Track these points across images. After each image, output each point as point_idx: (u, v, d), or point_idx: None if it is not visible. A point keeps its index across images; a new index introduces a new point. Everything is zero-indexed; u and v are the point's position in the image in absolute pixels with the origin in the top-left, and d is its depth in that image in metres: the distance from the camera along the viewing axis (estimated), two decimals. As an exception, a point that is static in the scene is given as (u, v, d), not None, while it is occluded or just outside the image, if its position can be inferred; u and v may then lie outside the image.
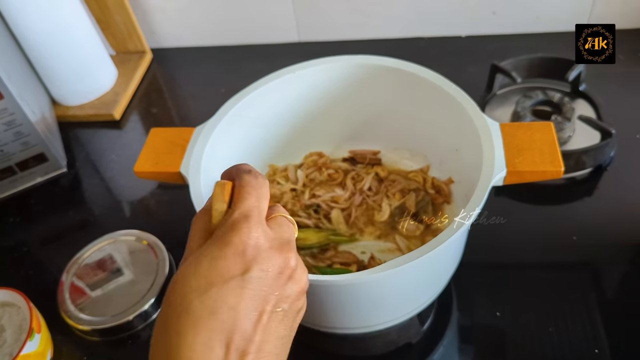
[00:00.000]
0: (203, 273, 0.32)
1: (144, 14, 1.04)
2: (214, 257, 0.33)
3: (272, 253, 0.34)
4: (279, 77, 0.63)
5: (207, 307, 0.31)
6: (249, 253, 0.33)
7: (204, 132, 0.58)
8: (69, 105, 0.97)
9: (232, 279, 0.32)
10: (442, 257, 0.52)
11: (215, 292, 0.32)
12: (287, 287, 0.35)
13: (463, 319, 0.63)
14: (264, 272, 0.33)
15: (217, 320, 0.31)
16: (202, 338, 0.31)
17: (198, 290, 0.32)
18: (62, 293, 0.68)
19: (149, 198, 0.83)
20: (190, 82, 1.04)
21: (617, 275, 0.65)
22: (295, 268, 0.36)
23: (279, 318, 0.34)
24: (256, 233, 0.34)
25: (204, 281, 0.32)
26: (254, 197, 0.35)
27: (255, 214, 0.34)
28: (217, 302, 0.32)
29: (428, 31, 1.01)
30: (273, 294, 0.34)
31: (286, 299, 0.35)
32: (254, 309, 0.33)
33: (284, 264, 0.35)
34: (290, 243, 0.36)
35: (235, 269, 0.32)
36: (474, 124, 0.54)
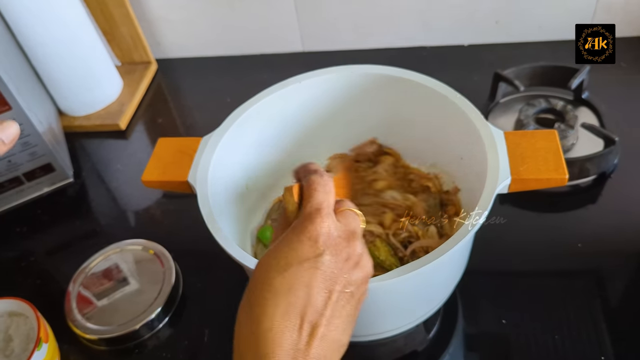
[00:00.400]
0: (283, 255, 0.37)
1: (149, 25, 1.05)
2: (292, 241, 0.38)
3: (341, 241, 0.39)
4: (285, 87, 0.63)
5: (286, 283, 0.36)
6: (321, 240, 0.38)
7: (211, 141, 0.59)
8: (76, 116, 0.98)
9: (307, 261, 0.37)
10: (448, 264, 0.52)
11: (292, 271, 0.37)
12: (354, 271, 0.39)
13: (469, 327, 0.63)
14: (334, 256, 0.38)
15: (293, 295, 0.36)
16: (281, 309, 0.36)
17: (278, 269, 0.37)
18: (69, 302, 0.69)
19: (155, 207, 0.83)
20: (195, 92, 1.05)
21: (623, 283, 0.65)
22: (362, 255, 0.40)
23: (346, 298, 0.38)
24: (327, 223, 0.38)
25: (283, 261, 0.37)
26: (322, 193, 0.40)
27: (325, 207, 0.39)
28: (294, 279, 0.36)
29: (431, 41, 1.02)
30: (342, 276, 0.38)
31: (353, 283, 0.39)
32: (325, 288, 0.37)
33: (351, 250, 0.39)
34: (356, 233, 0.40)
35: (310, 253, 0.37)
36: (479, 133, 0.55)
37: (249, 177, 0.65)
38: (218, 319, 0.67)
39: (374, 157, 0.71)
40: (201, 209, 0.52)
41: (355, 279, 0.39)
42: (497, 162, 0.51)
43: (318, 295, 0.37)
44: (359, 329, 0.55)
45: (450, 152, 0.64)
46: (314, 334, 0.36)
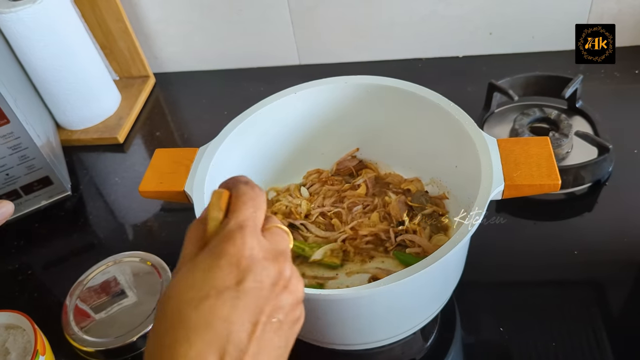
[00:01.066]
0: (197, 284, 0.32)
1: (147, 40, 1.07)
2: (209, 267, 0.33)
3: (267, 263, 0.34)
4: (280, 98, 0.64)
5: (201, 318, 0.31)
6: (243, 263, 0.33)
7: (207, 151, 0.59)
8: (74, 130, 0.98)
9: (227, 290, 0.32)
10: (444, 269, 0.52)
11: (209, 303, 0.32)
12: (282, 297, 0.34)
13: (466, 335, 0.63)
14: (258, 282, 0.33)
15: (211, 332, 0.31)
16: (196, 350, 0.31)
17: (192, 302, 0.32)
18: (66, 315, 0.68)
19: (153, 220, 0.83)
20: (193, 105, 1.06)
21: (620, 290, 0.65)
22: (290, 278, 0.35)
23: (274, 329, 0.34)
24: (251, 243, 0.34)
25: (198, 292, 0.32)
26: (250, 208, 0.35)
27: (250, 224, 0.34)
28: (211, 313, 0.31)
29: (426, 52, 1.03)
30: (268, 305, 0.33)
31: (281, 310, 0.34)
32: (248, 320, 0.32)
33: (278, 274, 0.34)
34: (284, 253, 0.36)
35: (230, 280, 0.32)
36: (472, 140, 0.55)
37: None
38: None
39: (355, 170, 0.72)
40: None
41: (284, 304, 0.34)
42: (491, 168, 0.52)
43: (240, 329, 0.32)
44: (353, 337, 0.55)
45: (445, 160, 0.64)
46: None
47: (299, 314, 0.37)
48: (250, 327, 0.32)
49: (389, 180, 0.71)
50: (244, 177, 0.39)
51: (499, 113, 0.85)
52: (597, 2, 0.92)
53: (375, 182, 0.70)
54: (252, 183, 0.38)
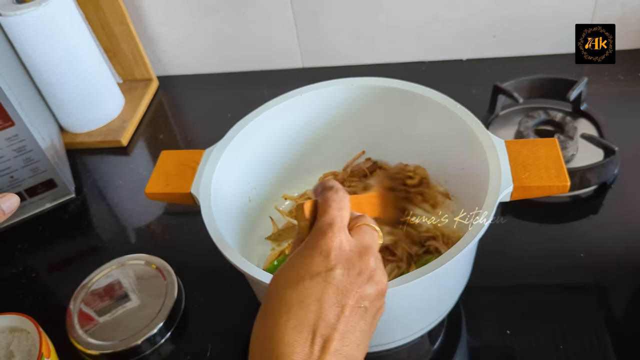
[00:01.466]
0: (295, 269, 0.38)
1: (151, 43, 1.07)
2: (304, 256, 0.38)
3: (353, 255, 0.39)
4: (286, 99, 0.64)
5: (297, 297, 0.37)
6: (332, 254, 0.38)
7: (213, 153, 0.59)
8: (77, 132, 0.98)
9: (318, 275, 0.37)
10: (452, 271, 0.52)
11: (304, 285, 0.37)
12: (367, 286, 0.39)
13: (473, 339, 0.63)
14: (346, 270, 0.38)
15: (305, 309, 0.36)
16: (293, 322, 0.36)
17: (290, 283, 0.37)
18: (70, 318, 0.68)
19: (157, 223, 0.83)
20: (196, 109, 1.06)
21: (626, 293, 0.65)
22: (375, 270, 0.40)
23: (360, 313, 0.38)
24: (339, 238, 0.39)
25: (295, 275, 0.38)
26: (335, 209, 0.41)
27: (337, 222, 0.40)
28: (305, 293, 0.37)
29: (429, 55, 1.03)
30: (354, 291, 0.38)
31: (367, 297, 0.39)
32: (337, 302, 0.37)
33: (364, 265, 0.39)
34: (370, 248, 0.40)
35: (321, 267, 0.38)
36: (480, 142, 0.55)
37: (251, 188, 0.66)
38: (221, 334, 0.67)
39: (369, 172, 0.72)
40: (205, 219, 0.52)
41: (369, 293, 0.39)
42: (499, 170, 0.51)
43: (330, 309, 0.37)
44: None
45: (452, 162, 0.64)
46: (327, 349, 0.36)
47: (381, 304, 0.41)
48: (339, 308, 0.37)
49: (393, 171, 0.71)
50: (330, 181, 0.44)
51: (503, 116, 0.85)
52: (600, 4, 0.92)
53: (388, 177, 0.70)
54: (336, 187, 0.43)
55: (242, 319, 0.67)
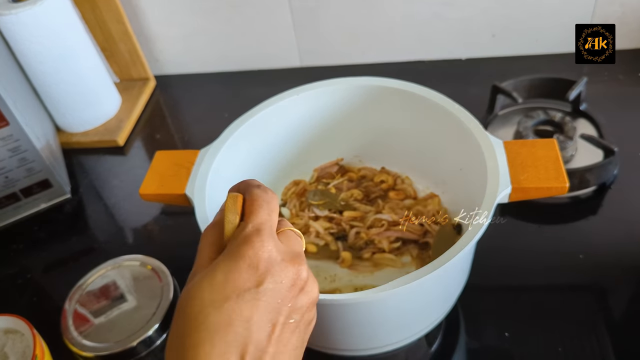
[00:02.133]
0: (218, 286, 0.33)
1: (148, 42, 1.06)
2: (229, 270, 0.34)
3: (284, 265, 0.35)
4: (282, 99, 0.63)
5: (223, 319, 0.32)
6: (262, 266, 0.34)
7: (208, 154, 0.58)
8: (73, 132, 0.98)
9: (247, 292, 0.33)
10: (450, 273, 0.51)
11: (230, 305, 0.33)
12: (299, 298, 0.35)
13: (471, 340, 0.62)
14: (277, 284, 0.34)
15: (232, 333, 0.32)
16: (219, 350, 0.32)
17: (214, 304, 0.33)
18: (65, 320, 0.68)
19: (153, 223, 0.83)
20: (193, 108, 1.05)
21: (625, 295, 0.64)
22: (307, 280, 0.36)
23: (291, 329, 0.35)
24: (268, 246, 0.35)
25: (219, 294, 0.33)
26: (265, 211, 0.36)
27: (267, 228, 0.35)
28: (232, 314, 0.33)
29: (428, 55, 1.02)
30: (286, 306, 0.35)
31: (298, 310, 0.35)
32: (268, 320, 0.34)
33: (296, 275, 0.35)
34: (300, 256, 0.37)
35: (250, 282, 0.33)
36: (478, 142, 0.54)
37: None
38: (216, 335, 0.66)
39: (336, 175, 0.72)
40: (199, 221, 0.52)
41: (301, 305, 0.36)
42: (497, 171, 0.51)
43: (260, 330, 0.33)
44: (357, 343, 0.55)
45: (449, 163, 0.64)
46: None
47: (313, 315, 0.38)
48: (270, 327, 0.34)
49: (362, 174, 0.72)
50: (256, 180, 0.40)
51: (502, 116, 0.85)
52: (600, 4, 0.91)
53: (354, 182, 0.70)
54: (264, 186, 0.39)
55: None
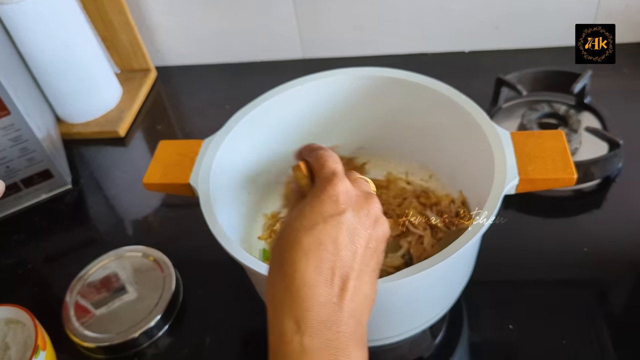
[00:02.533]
0: (307, 215, 0.39)
1: (149, 33, 1.05)
2: (315, 203, 0.39)
3: (359, 198, 0.40)
4: (287, 89, 0.63)
5: (314, 240, 0.37)
6: (341, 199, 0.39)
7: (212, 143, 0.58)
8: (74, 123, 0.97)
9: (331, 218, 0.38)
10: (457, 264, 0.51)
11: (319, 228, 0.38)
12: (375, 228, 0.40)
13: (474, 333, 0.62)
14: (355, 212, 0.39)
15: (323, 250, 0.37)
16: (313, 264, 0.37)
17: (305, 228, 0.38)
18: (66, 311, 0.67)
19: (155, 214, 0.82)
20: (195, 99, 1.04)
21: (629, 289, 0.64)
22: (380, 214, 0.41)
23: (370, 253, 0.40)
24: (345, 184, 0.40)
25: (308, 221, 0.38)
26: (332, 162, 0.41)
27: (340, 170, 0.41)
28: (322, 236, 0.38)
29: (432, 47, 1.02)
30: (365, 232, 0.39)
31: (375, 239, 0.40)
32: (352, 242, 0.38)
33: (370, 208, 0.40)
34: (372, 195, 0.42)
35: (332, 210, 0.39)
36: (484, 133, 0.54)
37: (250, 179, 0.65)
38: (219, 327, 0.66)
39: None
40: (203, 210, 0.51)
41: (377, 234, 0.40)
42: (504, 162, 0.50)
43: (346, 249, 0.38)
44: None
45: (455, 154, 0.63)
46: (346, 288, 0.37)
47: (383, 247, 0.42)
48: (353, 248, 0.38)
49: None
50: (314, 143, 0.45)
51: (506, 108, 0.84)
52: (605, -3, 0.91)
53: None
54: (323, 147, 0.44)
55: (241, 312, 0.67)
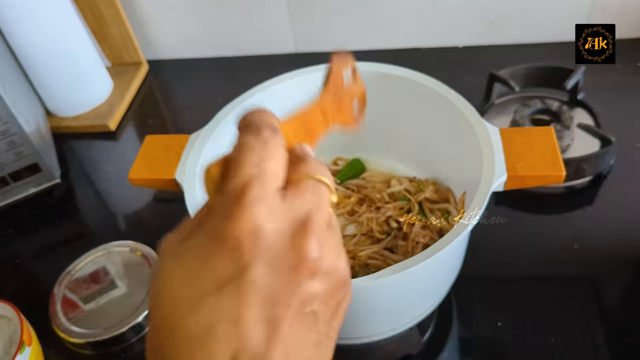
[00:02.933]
0: (192, 278, 0.25)
1: (140, 26, 1.04)
2: (202, 256, 0.25)
3: (279, 240, 0.25)
4: (277, 84, 0.62)
5: (202, 323, 0.24)
6: (246, 245, 0.24)
7: (199, 138, 0.57)
8: (64, 116, 0.96)
9: (228, 283, 0.24)
10: (442, 263, 0.51)
11: (209, 302, 0.24)
12: (311, 284, 0.26)
13: (463, 330, 0.62)
14: (270, 267, 0.25)
15: (216, 339, 0.24)
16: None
17: (188, 304, 0.25)
18: (53, 306, 0.67)
19: (144, 209, 0.82)
20: (187, 93, 1.04)
21: (620, 285, 0.64)
22: (320, 258, 0.26)
23: (307, 323, 0.26)
24: (255, 215, 0.25)
25: (193, 289, 0.25)
26: (250, 164, 0.26)
27: (253, 187, 0.25)
28: (212, 316, 0.24)
29: (425, 42, 1.01)
30: (291, 295, 0.25)
31: (314, 299, 0.26)
32: (264, 318, 0.25)
33: (298, 254, 0.26)
34: (311, 221, 0.26)
35: (231, 269, 0.24)
36: (473, 129, 0.53)
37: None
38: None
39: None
40: (188, 207, 0.51)
41: (317, 291, 0.26)
42: (493, 159, 0.50)
43: (254, 331, 0.24)
44: (349, 332, 0.54)
45: (444, 150, 0.63)
46: None
47: (341, 296, 0.28)
48: (268, 327, 0.25)
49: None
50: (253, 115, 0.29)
51: (499, 104, 0.84)
52: (600, -7, 0.90)
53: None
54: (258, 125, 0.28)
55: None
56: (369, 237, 0.62)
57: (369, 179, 0.69)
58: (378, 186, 0.68)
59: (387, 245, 0.60)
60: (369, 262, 0.59)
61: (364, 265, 0.59)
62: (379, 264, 0.58)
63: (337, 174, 0.69)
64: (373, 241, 0.61)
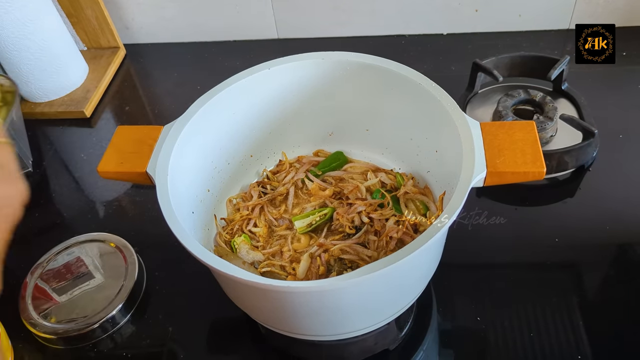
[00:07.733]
0: None
1: (118, 9, 1.01)
2: None
3: None
4: (253, 74, 0.60)
5: None
6: None
7: (172, 130, 0.55)
8: (37, 102, 0.93)
9: None
10: (420, 260, 0.50)
11: None
12: None
13: (443, 323, 0.61)
14: None
15: None
16: None
17: None
18: (24, 299, 0.65)
19: (121, 199, 0.80)
20: (165, 79, 1.01)
21: (600, 277, 0.64)
22: None
23: None
24: None
25: None
26: None
27: None
28: None
29: (410, 29, 0.99)
30: None
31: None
32: None
33: None
34: None
35: None
36: (454, 123, 0.52)
37: (213, 167, 0.62)
38: (183, 316, 0.65)
39: None
40: (160, 201, 0.49)
41: None
42: (473, 154, 0.49)
43: None
44: (325, 328, 0.53)
45: (425, 144, 0.62)
46: None
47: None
48: None
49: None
50: None
51: (482, 94, 0.83)
52: (586, -20, 0.89)
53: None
54: None
55: (205, 301, 0.65)
56: (338, 232, 0.60)
57: (350, 171, 0.68)
58: (357, 177, 0.66)
59: (359, 240, 0.59)
60: (343, 256, 0.58)
61: (337, 258, 0.58)
62: (352, 257, 0.57)
63: (317, 165, 0.68)
64: (344, 236, 0.60)
